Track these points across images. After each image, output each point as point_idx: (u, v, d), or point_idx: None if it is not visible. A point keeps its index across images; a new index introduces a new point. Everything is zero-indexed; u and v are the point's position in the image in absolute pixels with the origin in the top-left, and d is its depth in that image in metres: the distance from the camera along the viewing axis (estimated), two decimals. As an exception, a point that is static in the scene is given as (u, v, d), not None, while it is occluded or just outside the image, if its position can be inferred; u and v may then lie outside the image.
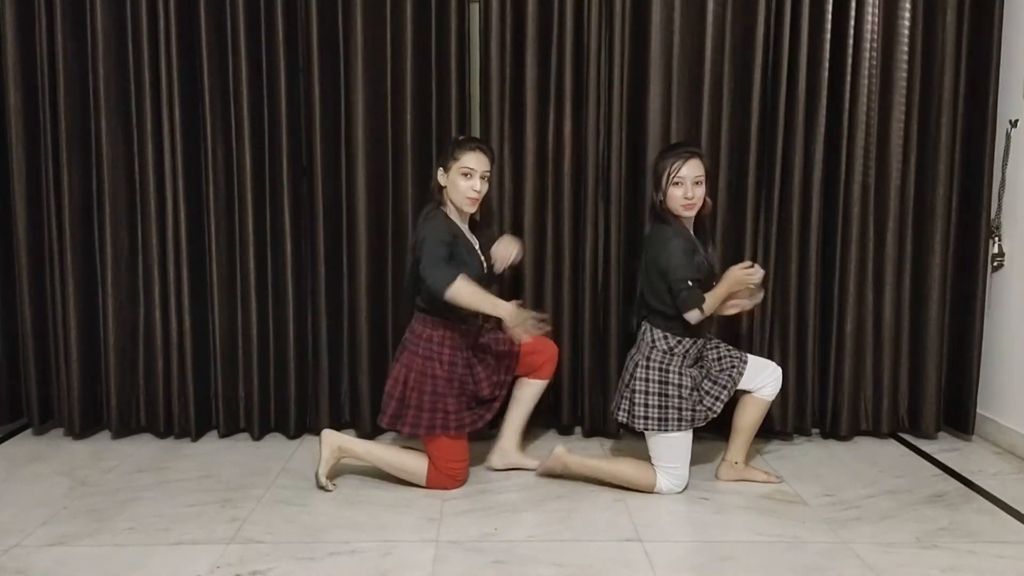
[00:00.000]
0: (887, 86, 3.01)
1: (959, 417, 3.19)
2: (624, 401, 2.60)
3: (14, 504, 2.53)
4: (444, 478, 2.61)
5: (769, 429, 3.08)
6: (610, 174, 3.01)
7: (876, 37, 2.98)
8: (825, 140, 3.00)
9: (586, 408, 3.15)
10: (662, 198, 2.55)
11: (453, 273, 2.42)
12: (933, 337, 3.12)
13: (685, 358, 2.56)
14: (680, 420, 2.51)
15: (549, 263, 3.07)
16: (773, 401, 2.71)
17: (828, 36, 2.95)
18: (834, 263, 3.09)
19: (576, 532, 2.33)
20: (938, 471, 2.85)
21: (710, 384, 2.58)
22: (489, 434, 2.93)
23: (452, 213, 2.59)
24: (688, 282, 2.46)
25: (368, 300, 3.07)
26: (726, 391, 2.57)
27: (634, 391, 2.55)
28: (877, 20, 2.97)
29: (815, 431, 3.21)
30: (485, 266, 2.62)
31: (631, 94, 3.01)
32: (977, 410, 3.16)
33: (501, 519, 2.42)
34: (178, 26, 2.94)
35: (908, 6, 2.97)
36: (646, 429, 2.54)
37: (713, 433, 3.00)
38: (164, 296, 3.07)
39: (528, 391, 2.78)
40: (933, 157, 3.06)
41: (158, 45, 2.95)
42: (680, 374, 2.54)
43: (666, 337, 2.55)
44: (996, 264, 3.12)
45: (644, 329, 2.60)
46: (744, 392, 2.66)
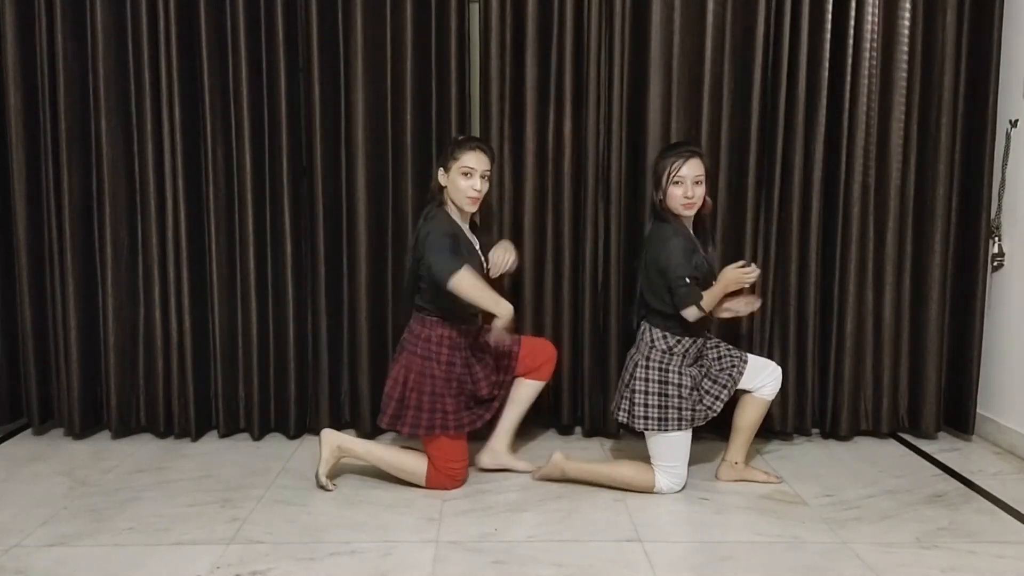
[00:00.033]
0: (887, 86, 3.02)
1: (959, 417, 3.19)
2: (624, 401, 2.60)
3: (14, 504, 2.53)
4: (444, 478, 2.61)
5: (769, 429, 3.08)
6: (610, 174, 3.01)
7: (876, 37, 2.98)
8: (825, 140, 3.00)
9: (586, 408, 3.15)
10: (662, 197, 2.55)
11: (458, 263, 2.40)
12: (933, 337, 3.12)
13: (685, 357, 2.56)
14: (680, 419, 2.51)
15: (549, 263, 3.07)
16: (773, 401, 2.71)
17: (828, 36, 2.95)
18: (834, 263, 3.09)
19: (576, 532, 2.33)
20: (938, 471, 2.85)
21: (710, 383, 2.58)
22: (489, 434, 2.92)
23: (453, 213, 2.59)
24: (686, 280, 2.46)
25: (368, 300, 3.07)
26: (726, 390, 2.57)
27: (634, 391, 2.55)
28: (877, 20, 2.97)
29: (815, 431, 3.21)
30: (485, 267, 2.62)
31: (631, 94, 3.01)
32: (977, 410, 3.16)
33: (501, 519, 2.42)
34: (178, 26, 2.94)
35: (908, 6, 2.98)
36: (646, 429, 2.54)
37: (713, 433, 2.99)
38: (164, 296, 3.07)
39: (524, 392, 2.76)
40: (933, 157, 3.06)
41: (158, 45, 2.95)
42: (680, 373, 2.54)
43: (665, 337, 2.55)
44: (996, 264, 3.12)
45: (643, 329, 2.60)
46: (744, 392, 2.66)
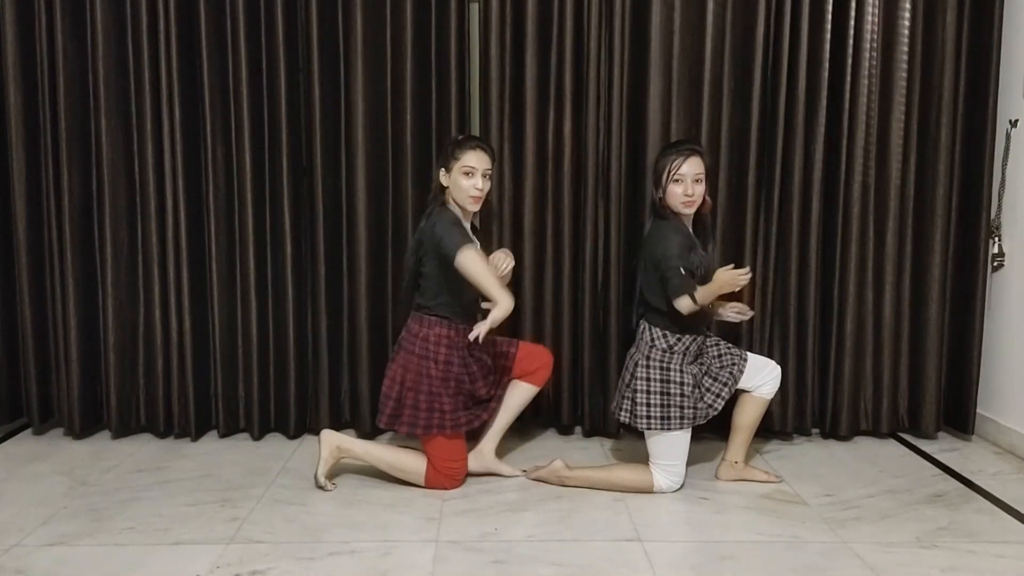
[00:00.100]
0: (887, 86, 3.02)
1: (959, 417, 3.19)
2: (625, 401, 2.59)
3: (14, 504, 2.53)
4: (443, 478, 2.61)
5: (769, 429, 3.08)
6: (610, 174, 3.01)
7: (876, 37, 2.98)
8: (825, 140, 3.00)
9: (586, 408, 3.14)
10: (662, 195, 2.54)
11: (468, 242, 2.42)
12: (933, 337, 3.12)
13: (685, 355, 2.56)
14: (682, 418, 2.51)
15: (549, 263, 3.07)
16: (773, 401, 2.71)
17: (828, 36, 2.95)
18: (834, 263, 3.09)
19: (576, 532, 2.33)
20: (938, 471, 2.85)
21: (710, 381, 2.58)
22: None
23: (456, 213, 2.59)
24: (680, 270, 2.43)
25: (368, 300, 3.07)
26: (727, 388, 2.57)
27: (635, 390, 2.55)
28: (877, 20, 2.98)
29: (815, 431, 3.21)
30: None
31: (631, 94, 3.01)
32: (977, 410, 3.16)
33: (501, 519, 2.42)
34: (178, 26, 2.94)
35: (908, 6, 2.98)
36: (648, 428, 2.53)
37: (713, 433, 3.00)
38: (164, 296, 3.07)
39: (517, 397, 2.74)
40: (933, 157, 3.06)
41: (158, 45, 2.95)
42: (681, 372, 2.54)
43: (665, 335, 2.55)
44: (996, 264, 3.11)
45: (643, 328, 2.60)
46: (742, 391, 2.66)
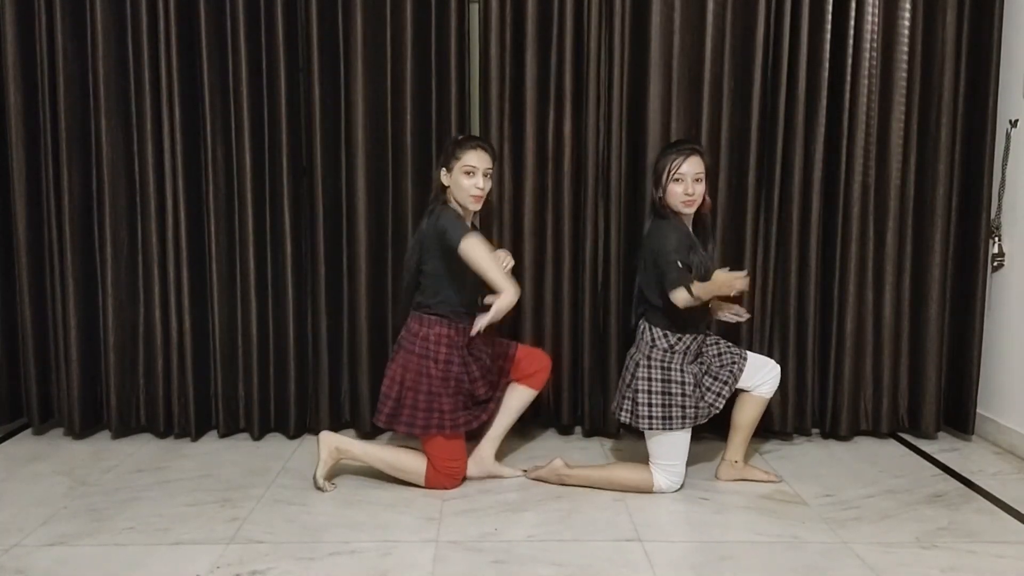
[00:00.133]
0: (887, 86, 3.01)
1: (959, 417, 3.19)
2: (626, 401, 2.59)
3: (14, 504, 2.53)
4: (443, 477, 2.61)
5: (769, 429, 3.08)
6: (610, 174, 3.01)
7: (876, 37, 2.98)
8: (825, 140, 3.00)
9: (586, 408, 3.14)
10: (662, 195, 2.54)
11: (470, 230, 2.44)
12: (933, 337, 3.12)
13: (686, 355, 2.56)
14: (684, 418, 2.51)
15: (549, 263, 3.07)
16: (773, 401, 2.71)
17: (828, 36, 2.95)
18: (834, 263, 3.09)
19: (576, 532, 2.33)
20: (938, 471, 2.85)
21: (711, 380, 2.58)
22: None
23: (457, 212, 2.59)
24: (678, 264, 2.42)
25: (368, 300, 3.07)
26: (727, 387, 2.57)
27: (637, 391, 2.55)
28: (877, 20, 2.98)
29: (815, 431, 3.21)
30: None
31: (631, 94, 3.01)
32: (977, 410, 3.16)
33: (501, 519, 2.42)
34: (178, 26, 2.94)
35: (908, 6, 2.98)
36: (650, 428, 2.53)
37: (712, 433, 3.00)
38: (164, 296, 3.07)
39: (515, 401, 2.73)
40: (933, 157, 3.06)
41: (158, 45, 2.95)
42: (682, 371, 2.53)
43: (666, 335, 2.54)
44: (996, 264, 3.11)
45: (643, 328, 2.60)
46: (741, 390, 2.66)
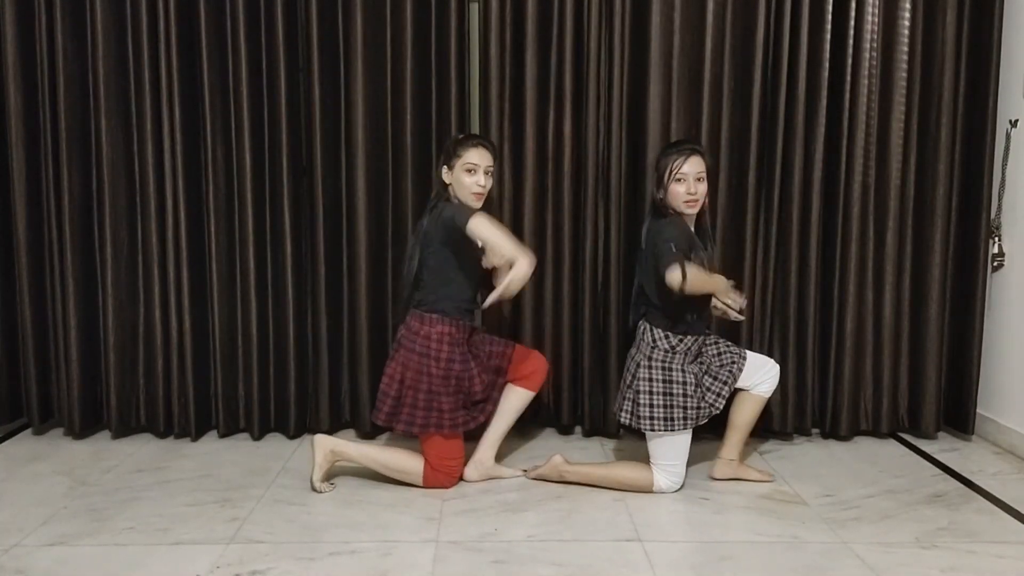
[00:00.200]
0: (887, 86, 3.01)
1: (959, 417, 3.19)
2: (627, 402, 2.58)
3: (14, 504, 2.53)
4: (440, 476, 2.61)
5: (769, 429, 3.08)
6: (610, 173, 3.01)
7: (876, 37, 2.98)
8: (825, 140, 3.00)
9: (586, 408, 3.14)
10: (663, 195, 2.54)
11: (478, 210, 2.46)
12: (933, 337, 3.12)
13: (686, 355, 2.56)
14: (685, 419, 2.51)
15: (549, 263, 3.07)
16: (773, 401, 2.71)
17: (828, 36, 2.95)
18: (834, 263, 3.09)
19: (576, 532, 2.33)
20: (938, 471, 2.85)
21: (711, 380, 2.58)
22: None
23: None
24: (673, 247, 2.40)
25: (368, 300, 3.07)
26: (727, 387, 2.57)
27: (638, 391, 2.54)
28: (877, 20, 2.97)
29: (815, 431, 3.21)
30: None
31: (631, 94, 3.01)
32: (977, 410, 3.16)
33: (501, 519, 2.42)
34: (178, 26, 2.94)
35: (908, 6, 2.98)
36: (652, 429, 2.53)
37: (712, 433, 2.99)
38: (164, 296, 3.07)
39: (512, 403, 2.72)
40: (933, 157, 3.06)
41: (158, 45, 2.95)
42: (683, 372, 2.53)
43: (667, 336, 2.54)
44: (996, 264, 3.12)
45: (643, 328, 2.59)
46: (740, 389, 2.65)
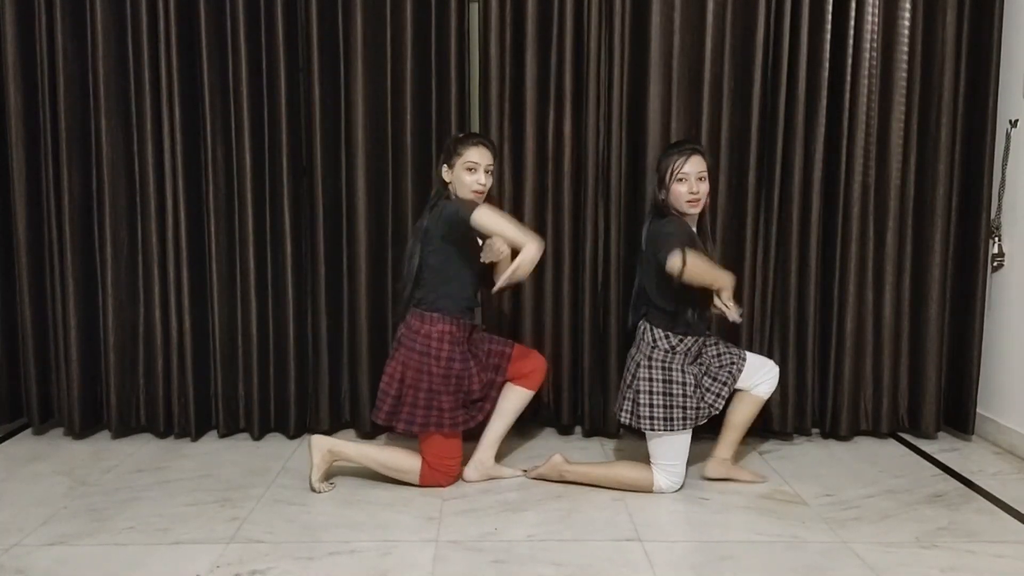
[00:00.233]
0: (887, 86, 3.02)
1: (959, 417, 3.19)
2: (627, 403, 2.58)
3: (14, 504, 2.53)
4: (438, 475, 2.61)
5: (769, 429, 3.08)
6: (610, 173, 3.01)
7: (876, 37, 2.99)
8: (825, 140, 3.00)
9: (586, 408, 3.14)
10: (665, 196, 2.54)
11: (480, 204, 2.47)
12: (933, 337, 3.12)
13: (686, 356, 2.56)
14: (685, 419, 2.51)
15: (549, 263, 3.06)
16: (773, 400, 2.71)
17: (828, 36, 2.95)
18: (834, 263, 3.09)
19: (576, 532, 2.33)
20: (938, 471, 2.85)
21: (710, 381, 2.58)
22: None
23: None
24: (673, 238, 2.40)
25: (368, 300, 3.07)
26: (727, 387, 2.57)
27: (638, 391, 2.54)
28: (877, 20, 2.98)
29: (815, 431, 3.21)
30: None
31: (631, 94, 3.01)
32: (977, 410, 3.16)
33: (501, 519, 2.42)
34: (178, 26, 2.94)
35: (908, 6, 2.98)
36: (652, 430, 2.53)
37: (712, 434, 2.98)
38: (164, 296, 3.07)
39: (511, 403, 2.72)
40: (933, 157, 3.06)
41: (158, 45, 2.95)
42: (683, 372, 2.53)
43: (668, 336, 2.54)
44: (996, 264, 3.12)
45: (644, 329, 2.59)
46: (739, 389, 2.65)
